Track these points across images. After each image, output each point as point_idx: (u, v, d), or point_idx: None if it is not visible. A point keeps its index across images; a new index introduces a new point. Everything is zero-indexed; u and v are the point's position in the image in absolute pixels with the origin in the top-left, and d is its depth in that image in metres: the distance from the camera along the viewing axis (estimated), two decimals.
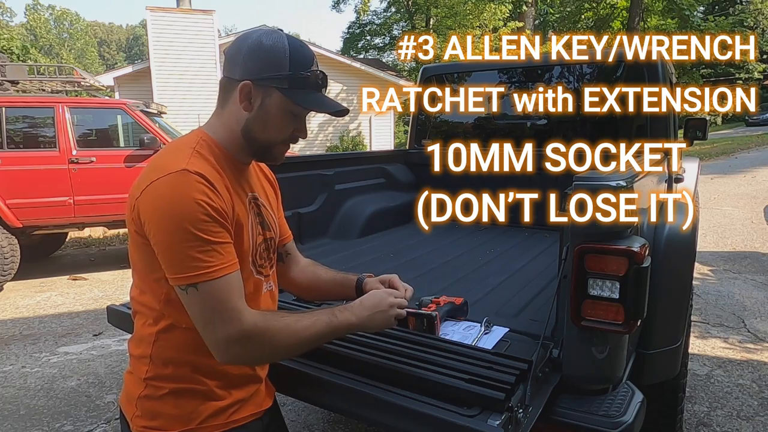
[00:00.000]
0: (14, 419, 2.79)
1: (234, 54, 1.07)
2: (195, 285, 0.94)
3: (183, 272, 0.94)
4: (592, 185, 1.21)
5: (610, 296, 1.21)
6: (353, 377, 1.25)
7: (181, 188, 0.94)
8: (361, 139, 15.49)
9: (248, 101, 1.05)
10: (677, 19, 23.34)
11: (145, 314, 1.08)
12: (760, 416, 2.67)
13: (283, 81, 1.04)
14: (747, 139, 22.06)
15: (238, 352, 0.99)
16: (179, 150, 1.03)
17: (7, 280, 5.02)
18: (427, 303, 1.60)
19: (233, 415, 1.09)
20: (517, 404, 1.11)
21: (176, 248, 0.93)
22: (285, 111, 1.07)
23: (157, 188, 0.95)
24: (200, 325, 0.98)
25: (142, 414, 1.07)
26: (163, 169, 0.97)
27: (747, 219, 7.68)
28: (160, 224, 0.94)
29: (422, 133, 3.71)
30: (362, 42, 30.11)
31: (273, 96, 1.05)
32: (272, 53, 1.04)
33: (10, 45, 15.99)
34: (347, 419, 2.64)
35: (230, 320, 0.96)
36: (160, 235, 0.95)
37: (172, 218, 0.93)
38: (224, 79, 1.09)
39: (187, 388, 1.06)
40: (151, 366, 1.07)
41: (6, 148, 5.04)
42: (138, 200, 0.98)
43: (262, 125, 1.07)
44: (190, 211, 0.93)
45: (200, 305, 0.96)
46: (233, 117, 1.08)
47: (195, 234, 0.93)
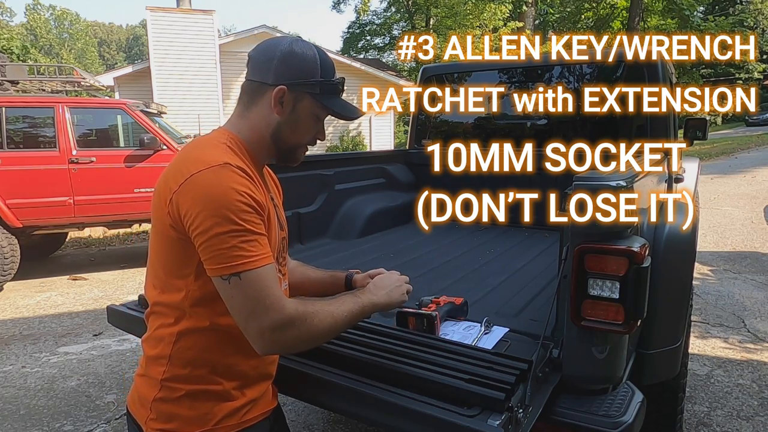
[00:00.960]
0: (14, 419, 2.79)
1: (266, 60, 1.10)
2: (238, 274, 0.96)
3: (227, 262, 0.95)
4: (592, 185, 1.21)
5: (610, 296, 1.21)
6: (353, 377, 1.26)
7: (225, 180, 0.97)
8: (361, 139, 15.49)
9: (281, 105, 1.10)
10: (677, 19, 23.35)
11: (164, 314, 1.07)
12: (760, 416, 2.67)
13: (315, 87, 1.11)
14: (747, 139, 22.07)
15: (280, 338, 1.01)
16: (213, 146, 1.05)
17: (7, 280, 5.02)
18: (427, 303, 1.60)
19: (246, 414, 1.10)
20: (517, 404, 1.11)
21: (220, 238, 0.95)
22: (313, 115, 1.14)
23: (200, 180, 0.96)
24: (242, 315, 0.99)
25: (157, 417, 1.06)
26: (204, 162, 0.98)
27: (747, 219, 7.68)
28: (203, 215, 0.95)
29: (422, 133, 3.71)
30: (362, 42, 30.11)
31: (304, 100, 1.12)
32: (305, 60, 1.11)
33: (10, 45, 15.98)
34: (347, 419, 2.64)
35: (272, 308, 0.98)
36: (204, 225, 0.95)
37: (217, 209, 0.95)
38: (251, 83, 1.13)
39: (203, 389, 1.06)
40: (169, 367, 1.06)
41: (6, 148, 5.04)
42: (176, 194, 0.98)
43: (292, 128, 1.13)
44: (234, 201, 0.96)
45: (243, 294, 0.97)
46: (262, 120, 1.12)
47: (239, 224, 0.95)
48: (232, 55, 13.67)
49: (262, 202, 1.02)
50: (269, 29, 14.44)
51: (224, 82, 13.24)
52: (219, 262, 0.96)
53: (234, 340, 1.06)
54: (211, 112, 12.33)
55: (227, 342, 1.06)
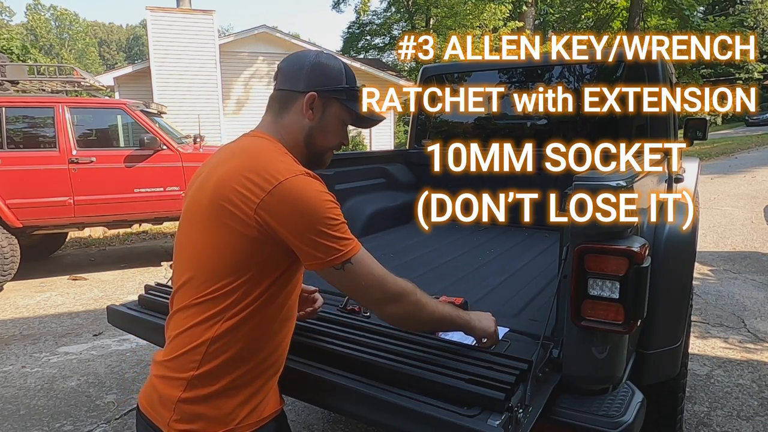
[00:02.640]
0: (14, 419, 2.79)
1: (296, 70, 1.20)
2: (350, 260, 1.08)
3: (338, 252, 1.07)
4: (592, 185, 1.21)
5: (610, 296, 1.21)
6: (353, 377, 1.26)
7: (314, 186, 1.08)
8: (361, 139, 15.48)
9: (312, 111, 1.19)
10: (677, 19, 23.34)
11: (200, 313, 1.06)
12: (760, 416, 2.67)
13: (342, 93, 1.21)
14: (747, 139, 22.07)
15: (394, 309, 1.16)
16: (283, 155, 1.14)
17: (7, 280, 5.02)
18: None
19: (261, 413, 1.12)
20: (517, 404, 1.11)
21: (325, 235, 1.05)
22: (340, 120, 1.23)
23: (293, 188, 1.05)
24: (361, 293, 1.13)
25: (181, 417, 1.05)
26: (288, 171, 1.07)
27: (747, 219, 7.68)
28: (305, 219, 1.04)
29: (422, 133, 3.71)
30: (362, 42, 30.10)
31: (333, 106, 1.21)
32: (332, 69, 1.21)
33: (10, 45, 15.99)
34: (347, 419, 2.64)
35: (385, 282, 1.13)
36: (309, 228, 1.04)
37: (317, 211, 1.05)
38: (282, 92, 1.21)
39: (229, 387, 1.06)
40: (201, 365, 1.05)
41: (6, 148, 5.03)
42: (265, 200, 1.03)
43: (323, 132, 1.22)
44: (326, 201, 1.07)
45: (357, 276, 1.10)
46: (296, 126, 1.20)
47: (336, 219, 1.08)
48: (232, 55, 13.66)
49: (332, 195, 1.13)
50: (269, 29, 14.43)
51: (224, 82, 13.23)
52: (330, 254, 1.06)
53: (262, 339, 1.10)
54: (211, 112, 12.32)
55: (258, 340, 1.10)
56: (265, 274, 1.07)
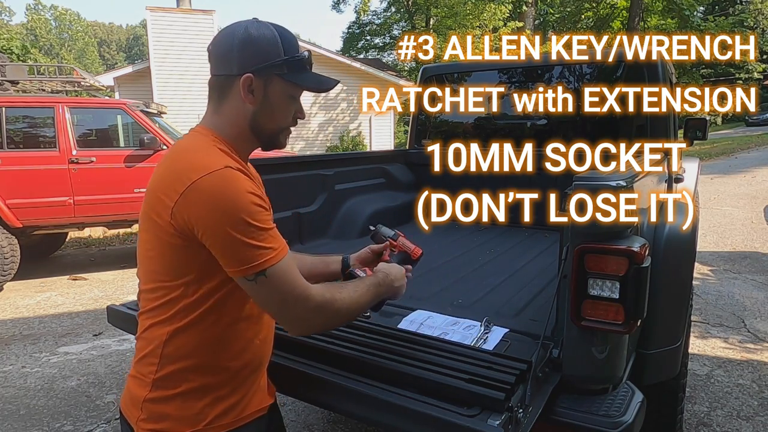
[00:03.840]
0: (14, 419, 2.79)
1: (225, 51, 1.07)
2: (264, 272, 0.98)
3: (250, 262, 0.97)
4: (592, 185, 1.21)
5: (610, 296, 1.21)
6: (353, 377, 1.26)
7: (231, 183, 0.97)
8: (361, 139, 15.48)
9: (251, 94, 1.07)
10: (677, 19, 23.34)
11: (157, 314, 1.07)
12: (760, 416, 2.67)
13: (281, 67, 1.07)
14: (747, 139, 22.06)
15: (312, 323, 1.08)
16: (206, 150, 1.04)
17: (7, 280, 5.02)
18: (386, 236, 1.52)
19: (240, 413, 1.09)
20: (517, 404, 1.11)
21: (239, 241, 0.96)
22: (287, 95, 1.10)
23: (205, 186, 0.96)
24: (275, 308, 1.04)
25: (148, 417, 1.06)
26: (204, 167, 0.97)
27: (747, 219, 7.68)
28: (217, 221, 0.95)
29: (422, 133, 3.71)
30: (362, 42, 30.10)
31: (275, 83, 1.08)
32: (265, 42, 1.06)
33: (10, 45, 15.98)
34: (347, 419, 2.64)
35: (303, 296, 1.03)
36: (220, 231, 0.95)
37: (231, 214, 0.95)
38: (216, 78, 1.10)
39: (194, 389, 1.05)
40: (161, 366, 1.05)
41: (6, 148, 5.03)
42: (178, 203, 0.96)
43: (269, 115, 1.10)
44: (246, 203, 0.97)
45: (272, 289, 1.00)
46: (237, 112, 1.09)
47: (255, 225, 0.97)
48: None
49: (264, 197, 1.03)
50: None
51: None
52: (242, 263, 0.97)
53: (224, 340, 1.06)
54: None
55: (218, 341, 1.06)
56: (206, 278, 1.02)
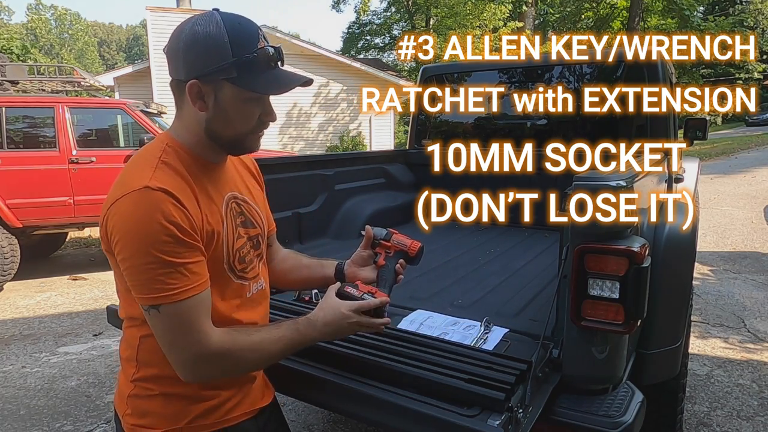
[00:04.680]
0: (14, 419, 2.79)
1: (173, 53, 0.99)
2: (157, 307, 0.93)
3: (145, 293, 0.92)
4: (592, 185, 1.21)
5: (610, 296, 1.21)
6: (353, 377, 1.26)
7: (142, 209, 0.90)
8: (361, 139, 15.47)
9: (202, 100, 0.98)
10: (677, 19, 23.32)
11: (130, 318, 1.07)
12: (760, 416, 2.67)
13: (230, 70, 0.95)
14: (747, 139, 22.06)
15: (203, 372, 1.00)
16: (144, 162, 0.98)
17: (7, 280, 5.02)
18: (380, 237, 1.33)
19: (224, 414, 1.08)
20: (517, 404, 1.11)
21: (139, 269, 0.91)
22: (243, 100, 0.99)
23: (120, 208, 0.92)
24: (164, 347, 0.97)
25: (132, 412, 1.07)
26: (127, 186, 0.93)
27: (747, 219, 7.68)
28: (124, 245, 0.92)
29: (422, 133, 3.71)
30: (362, 42, 30.10)
31: (224, 89, 0.97)
32: (210, 42, 0.95)
33: (10, 45, 15.97)
34: (347, 419, 2.64)
35: (195, 342, 0.95)
36: (124, 254, 0.92)
37: (135, 240, 0.91)
38: (172, 81, 1.02)
39: (173, 391, 1.05)
40: (138, 368, 1.06)
41: (6, 148, 5.04)
42: (105, 218, 0.95)
43: (223, 122, 1.00)
44: (153, 232, 0.90)
45: (162, 327, 0.95)
46: (193, 119, 1.01)
47: (157, 257, 0.90)
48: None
49: (188, 226, 0.94)
50: (269, 29, 14.41)
51: None
52: (139, 292, 0.94)
53: None
54: None
55: None
56: None
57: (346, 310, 1.11)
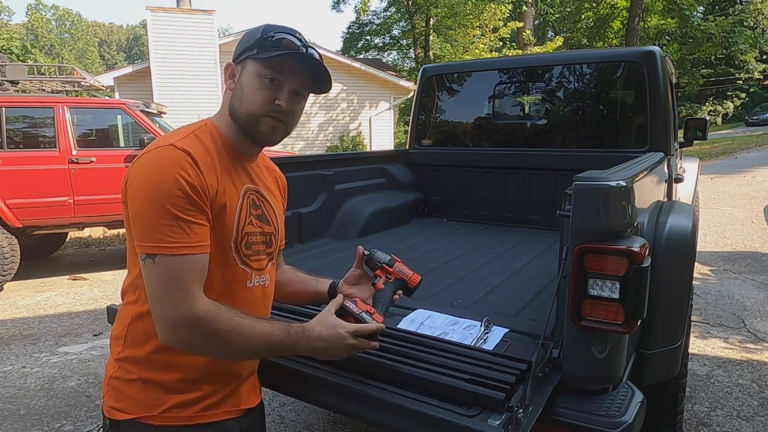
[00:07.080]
0: (14, 419, 2.79)
1: None
2: (153, 256, 0.95)
3: (145, 241, 0.96)
4: (592, 185, 1.21)
5: (610, 296, 1.21)
6: (353, 377, 1.26)
7: (162, 161, 0.98)
8: (361, 139, 15.47)
9: (232, 80, 1.11)
10: (677, 19, 23.32)
11: (129, 293, 1.10)
12: (760, 416, 2.67)
13: (253, 49, 1.08)
14: (747, 139, 22.05)
15: (182, 336, 0.98)
16: (179, 132, 1.08)
17: (7, 280, 5.02)
18: (381, 262, 1.35)
19: (203, 410, 1.07)
20: (517, 404, 1.11)
21: (145, 215, 0.96)
22: (256, 76, 1.07)
23: (143, 159, 1.00)
24: (151, 299, 0.98)
25: (111, 393, 1.09)
26: (155, 144, 1.02)
27: (747, 219, 7.67)
28: (137, 192, 0.97)
29: (422, 133, 3.71)
30: (362, 42, 30.08)
31: (247, 66, 1.09)
32: (248, 35, 1.10)
33: (10, 45, 15.97)
34: (347, 419, 2.64)
35: (180, 301, 0.95)
36: (135, 202, 0.97)
37: (148, 188, 0.96)
38: None
39: (151, 377, 1.05)
40: (124, 347, 1.08)
41: (6, 148, 5.03)
42: (128, 171, 1.02)
43: (240, 97, 1.09)
44: (166, 183, 0.95)
45: (154, 278, 0.96)
46: (225, 101, 1.13)
47: (165, 207, 0.94)
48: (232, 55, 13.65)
49: (201, 188, 0.98)
50: None
51: None
52: (140, 239, 0.97)
53: None
54: (211, 113, 12.18)
55: None
56: None
57: (345, 332, 1.10)
